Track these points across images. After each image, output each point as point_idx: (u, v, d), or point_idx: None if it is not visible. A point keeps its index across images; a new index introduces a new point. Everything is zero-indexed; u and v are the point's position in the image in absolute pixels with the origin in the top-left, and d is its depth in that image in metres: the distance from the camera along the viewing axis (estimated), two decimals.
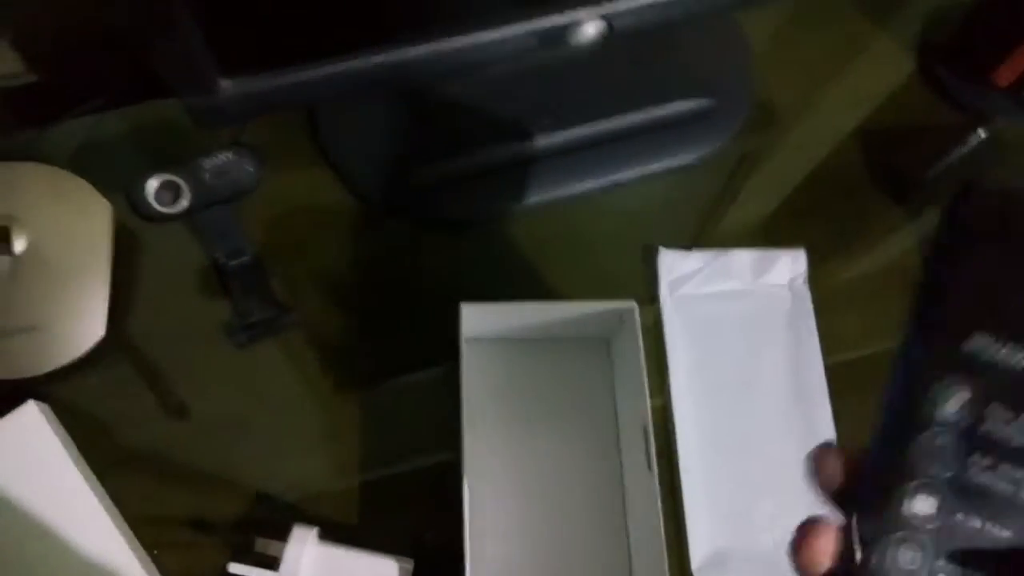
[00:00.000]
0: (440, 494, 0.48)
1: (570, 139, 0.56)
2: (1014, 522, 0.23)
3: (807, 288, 0.54)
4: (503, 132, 0.56)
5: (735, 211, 0.58)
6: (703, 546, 0.48)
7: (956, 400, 0.24)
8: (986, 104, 0.61)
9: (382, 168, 0.56)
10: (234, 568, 0.43)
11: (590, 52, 0.48)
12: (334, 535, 0.46)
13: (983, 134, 0.61)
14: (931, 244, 0.25)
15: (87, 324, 0.49)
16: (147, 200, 0.45)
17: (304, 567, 0.44)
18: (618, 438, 0.50)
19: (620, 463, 0.50)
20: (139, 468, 0.49)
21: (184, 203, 0.46)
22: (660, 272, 0.54)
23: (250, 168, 0.46)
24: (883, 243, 0.58)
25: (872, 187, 0.59)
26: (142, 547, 0.47)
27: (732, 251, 0.55)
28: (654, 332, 0.53)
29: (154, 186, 0.45)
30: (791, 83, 0.62)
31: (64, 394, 0.50)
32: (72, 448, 0.48)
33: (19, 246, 0.49)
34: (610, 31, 0.47)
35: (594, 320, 0.49)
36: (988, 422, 0.24)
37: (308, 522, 0.47)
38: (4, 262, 0.49)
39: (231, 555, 0.45)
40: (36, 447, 0.47)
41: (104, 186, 0.53)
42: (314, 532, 0.45)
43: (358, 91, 0.44)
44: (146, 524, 0.48)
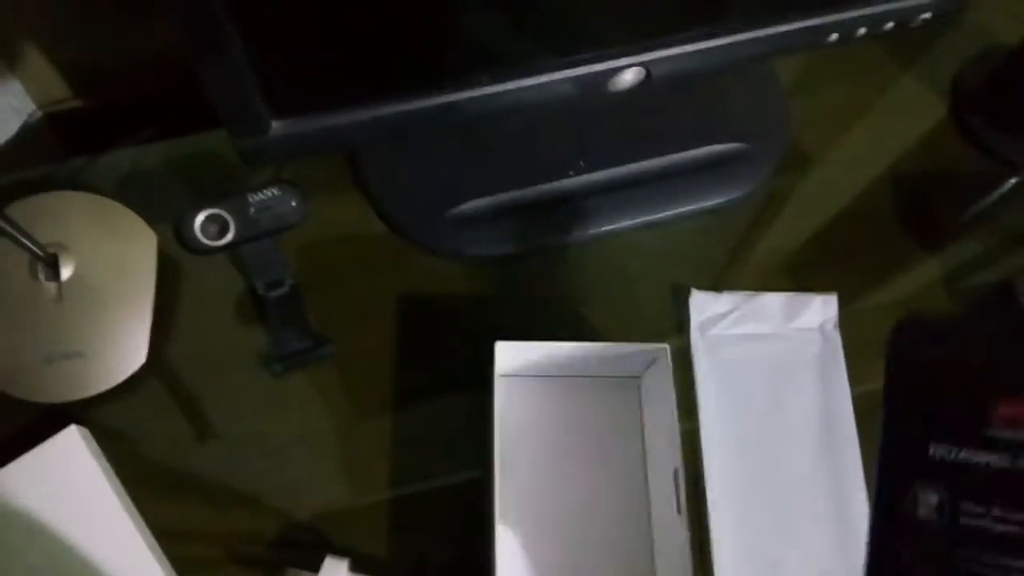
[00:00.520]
0: (470, 526, 0.48)
1: (605, 179, 0.57)
2: None
3: (838, 333, 0.55)
4: (540, 171, 0.57)
5: (766, 253, 0.58)
6: None
7: (930, 503, 0.26)
8: (1017, 151, 0.61)
9: (420, 203, 0.57)
10: None
11: (629, 96, 0.49)
12: (365, 565, 0.47)
13: (1013, 181, 0.62)
14: (885, 371, 0.28)
15: (129, 351, 0.51)
16: (194, 233, 0.46)
17: None
18: (647, 478, 0.50)
19: (648, 504, 0.50)
20: (174, 493, 0.50)
21: (229, 236, 0.47)
22: (691, 313, 0.55)
23: (294, 204, 0.48)
24: (914, 289, 0.58)
25: (903, 232, 0.59)
26: (175, 572, 0.48)
27: (763, 294, 0.55)
28: (683, 372, 0.53)
29: (201, 220, 0.47)
30: (824, 127, 0.63)
31: (104, 419, 0.51)
32: (110, 472, 0.49)
33: (66, 273, 0.50)
34: (648, 78, 0.48)
35: (626, 360, 0.50)
36: (963, 518, 0.26)
37: (339, 549, 0.48)
38: (51, 288, 0.50)
39: None
40: (76, 470, 0.48)
41: (149, 215, 0.54)
42: (345, 564, 0.46)
43: (402, 134, 0.45)
44: (180, 548, 0.48)
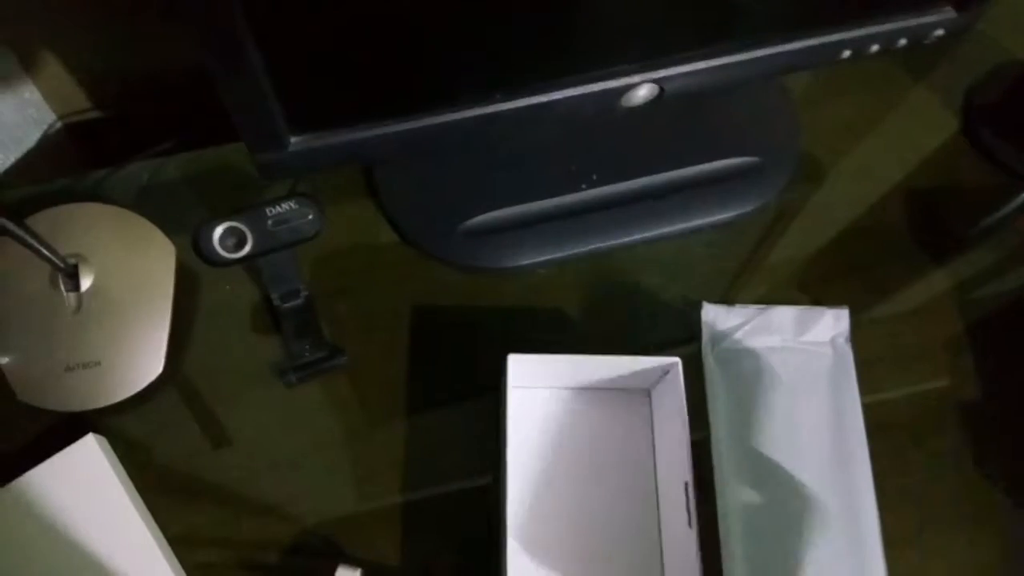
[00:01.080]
0: (481, 536, 0.49)
1: (618, 193, 0.58)
2: None
3: (849, 346, 0.55)
4: (552, 184, 0.58)
5: (778, 267, 0.58)
6: None
7: None
8: None
9: (434, 215, 0.57)
10: None
11: (641, 112, 0.50)
12: (377, 574, 0.47)
13: None
14: None
15: (147, 360, 0.51)
16: (212, 246, 0.47)
17: None
18: (657, 490, 0.51)
19: (659, 516, 0.50)
20: (190, 501, 0.51)
21: (247, 249, 0.48)
22: (703, 326, 0.55)
23: (311, 217, 0.48)
24: (925, 302, 0.58)
25: (916, 246, 0.59)
26: None
27: (775, 307, 0.55)
28: (695, 385, 0.53)
29: (219, 232, 0.47)
30: (835, 141, 0.63)
31: (122, 427, 0.52)
32: (126, 480, 0.50)
33: (85, 284, 0.51)
34: (661, 95, 0.49)
35: (637, 373, 0.50)
36: None
37: (351, 558, 0.49)
38: (71, 299, 0.51)
39: None
40: (93, 478, 0.49)
41: (167, 227, 0.55)
42: (358, 573, 0.46)
43: (417, 149, 0.46)
44: (194, 556, 0.49)
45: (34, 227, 0.48)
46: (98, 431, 0.50)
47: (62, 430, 0.50)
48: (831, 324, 0.55)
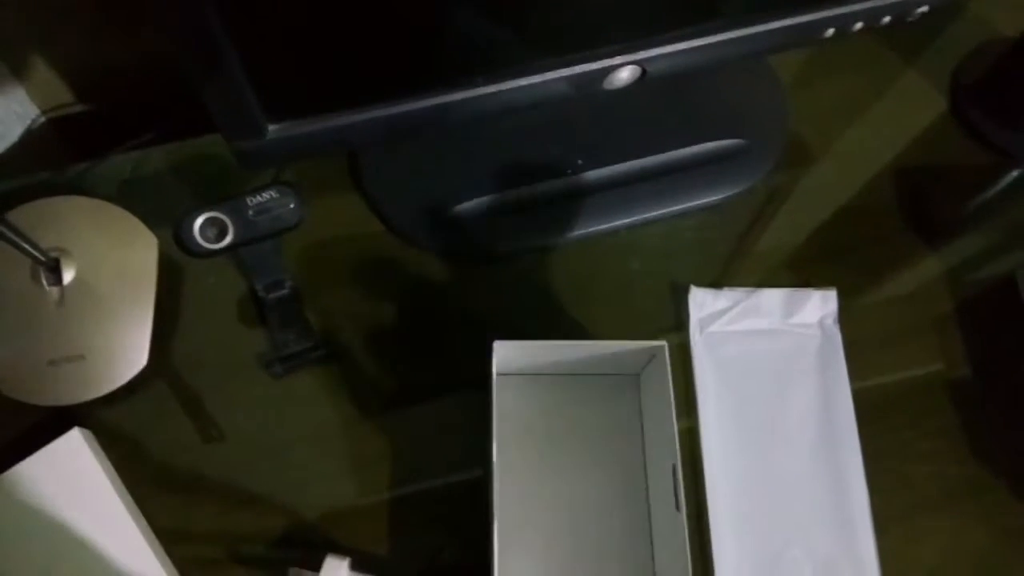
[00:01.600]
0: (470, 524, 0.48)
1: (603, 177, 0.57)
2: None
3: (837, 328, 0.54)
4: (537, 170, 0.57)
5: (766, 249, 0.58)
6: None
7: None
8: (1018, 144, 0.61)
9: (418, 203, 0.57)
10: None
11: (624, 94, 0.49)
12: (366, 564, 0.47)
13: (1015, 174, 0.61)
14: None
15: (130, 353, 0.51)
16: (193, 236, 0.47)
17: None
18: (646, 475, 0.50)
19: (647, 500, 0.50)
20: (176, 493, 0.50)
21: (228, 239, 0.47)
22: (690, 309, 0.55)
23: (292, 206, 0.48)
24: (914, 283, 0.58)
25: (903, 227, 0.59)
26: (176, 570, 0.48)
27: (763, 290, 0.55)
28: (683, 369, 0.53)
29: (199, 223, 0.47)
30: (823, 122, 0.63)
31: (107, 421, 0.51)
32: (112, 473, 0.50)
33: (68, 277, 0.51)
34: (643, 76, 0.48)
35: (624, 358, 0.50)
36: None
37: (340, 549, 0.48)
38: (54, 293, 0.50)
39: None
40: (79, 472, 0.48)
41: (149, 219, 0.54)
42: (346, 563, 0.46)
43: (398, 135, 0.45)
44: (181, 547, 0.49)
45: (15, 221, 0.48)
46: (83, 425, 0.50)
47: (47, 425, 0.50)
48: (819, 306, 0.55)
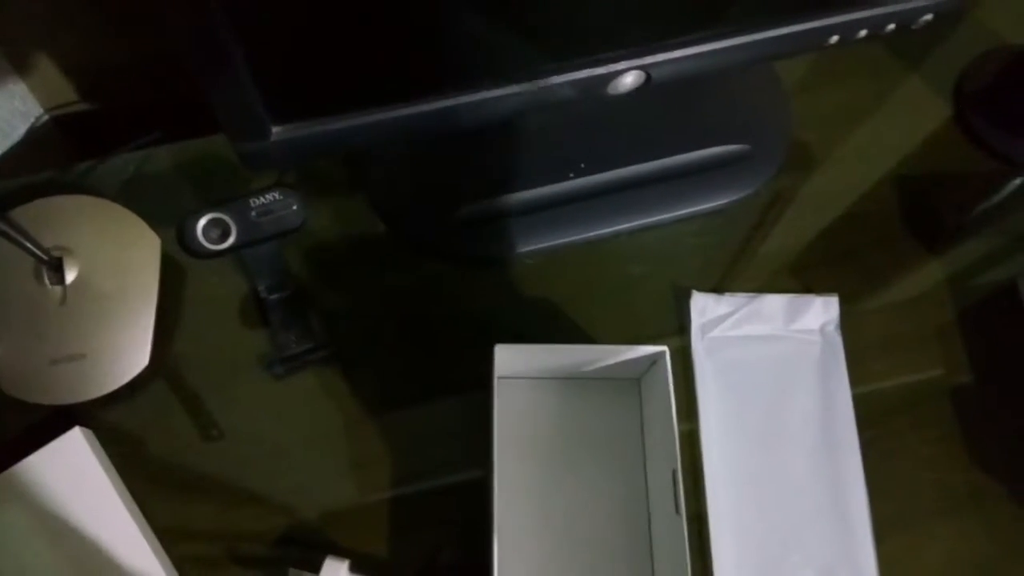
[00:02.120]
0: (470, 526, 0.48)
1: (606, 182, 0.57)
2: None
3: (839, 334, 0.54)
4: (540, 173, 0.57)
5: (768, 255, 0.58)
6: None
7: None
8: (1020, 152, 0.61)
9: (421, 205, 0.57)
10: None
11: (628, 99, 0.49)
12: (365, 565, 0.47)
13: (1018, 181, 0.61)
14: None
15: (132, 353, 0.51)
16: (196, 237, 0.47)
17: None
18: (646, 479, 0.50)
19: (647, 504, 0.50)
20: (176, 492, 0.50)
21: (230, 240, 0.47)
22: (692, 315, 0.55)
23: (295, 208, 0.48)
24: (916, 290, 0.58)
25: (906, 233, 0.59)
26: (176, 570, 0.48)
27: (764, 295, 0.55)
28: (684, 374, 0.53)
29: (202, 224, 0.47)
30: (826, 128, 0.63)
31: (108, 420, 0.51)
32: (113, 473, 0.50)
33: (70, 276, 0.51)
34: (648, 81, 0.48)
35: (625, 362, 0.50)
36: None
37: (340, 550, 0.48)
38: (56, 292, 0.50)
39: None
40: (80, 471, 0.48)
41: (152, 219, 0.54)
42: (345, 564, 0.46)
43: (402, 138, 0.45)
44: (181, 547, 0.49)
45: (18, 220, 0.48)
46: (84, 424, 0.50)
47: (48, 423, 0.50)
48: (820, 312, 0.55)
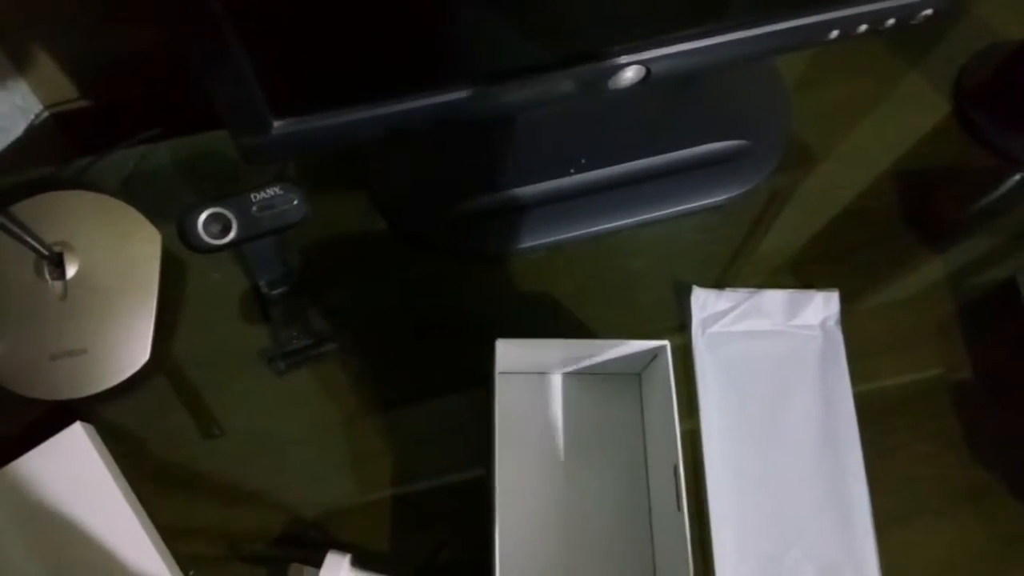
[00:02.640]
0: (472, 522, 0.48)
1: (607, 177, 0.57)
2: None
3: (839, 330, 0.55)
4: (541, 169, 0.57)
5: (768, 250, 0.58)
6: None
7: None
8: (1021, 148, 0.61)
9: (421, 200, 0.57)
10: None
11: (628, 94, 0.49)
12: (367, 561, 0.47)
13: (1017, 177, 0.61)
14: None
15: (133, 348, 0.51)
16: (197, 232, 0.47)
17: None
18: (647, 475, 0.51)
19: (648, 499, 0.50)
20: (177, 488, 0.50)
21: (231, 235, 0.47)
22: (693, 310, 0.55)
23: (296, 202, 0.48)
24: (916, 286, 0.58)
25: (906, 229, 0.59)
26: (178, 566, 0.48)
27: (765, 291, 0.55)
28: (684, 369, 0.53)
29: (203, 218, 0.47)
30: (826, 124, 0.63)
31: (109, 415, 0.51)
32: (114, 468, 0.50)
33: (71, 271, 0.51)
34: (648, 76, 0.48)
35: (626, 357, 0.50)
36: None
37: (342, 545, 0.48)
38: (57, 287, 0.50)
39: None
40: (81, 467, 0.48)
41: (153, 214, 0.54)
42: (347, 559, 0.46)
43: (403, 132, 0.45)
44: (183, 543, 0.49)
45: (19, 215, 0.48)
46: (85, 419, 0.50)
47: (49, 419, 0.50)
48: (821, 307, 0.55)
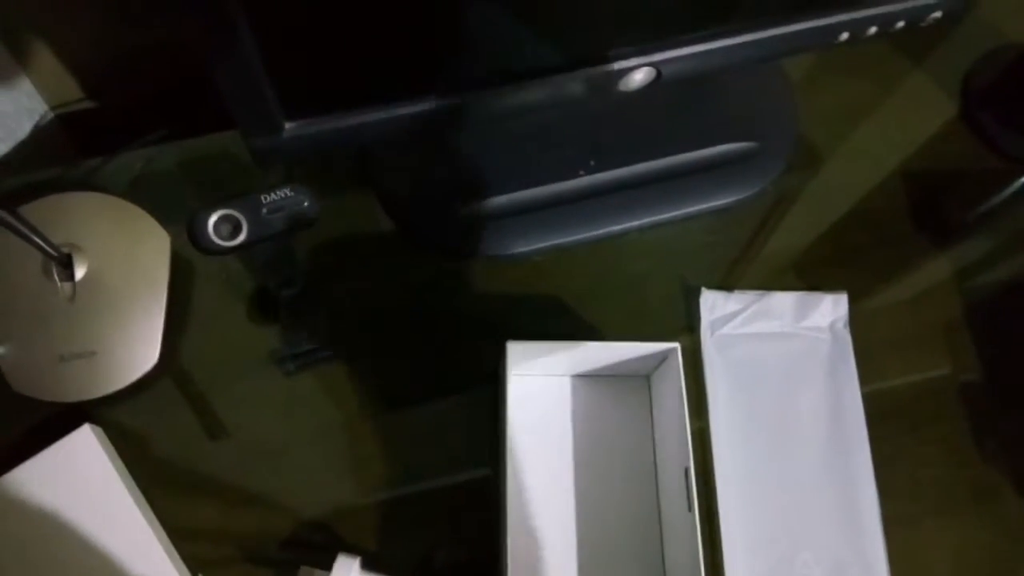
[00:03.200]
0: (481, 524, 0.48)
1: (615, 179, 0.57)
2: None
3: (848, 332, 0.55)
4: (550, 171, 0.57)
5: (776, 252, 0.58)
6: None
7: None
8: None
9: (430, 202, 0.57)
10: None
11: (638, 96, 0.49)
12: (376, 563, 0.47)
13: None
14: None
15: (142, 350, 0.51)
16: (207, 234, 0.46)
17: None
18: (656, 476, 0.51)
19: (659, 501, 0.50)
20: (186, 490, 0.50)
21: (242, 237, 0.47)
22: (702, 312, 0.55)
23: (306, 204, 0.48)
24: (924, 287, 0.58)
25: (914, 231, 0.59)
26: (187, 568, 0.48)
27: (774, 293, 0.55)
28: (693, 371, 0.53)
29: (213, 220, 0.47)
30: (834, 126, 0.63)
31: (117, 417, 0.51)
32: (123, 470, 0.49)
33: (80, 273, 0.51)
34: (658, 78, 0.48)
35: (636, 359, 0.50)
36: None
37: (350, 548, 0.48)
38: (66, 289, 0.50)
39: None
40: (90, 469, 0.48)
41: (162, 216, 0.54)
42: (357, 562, 0.46)
43: (413, 134, 0.45)
44: (192, 546, 0.49)
45: (28, 216, 0.48)
46: (94, 421, 0.50)
47: (57, 421, 0.50)
48: (830, 309, 0.55)
